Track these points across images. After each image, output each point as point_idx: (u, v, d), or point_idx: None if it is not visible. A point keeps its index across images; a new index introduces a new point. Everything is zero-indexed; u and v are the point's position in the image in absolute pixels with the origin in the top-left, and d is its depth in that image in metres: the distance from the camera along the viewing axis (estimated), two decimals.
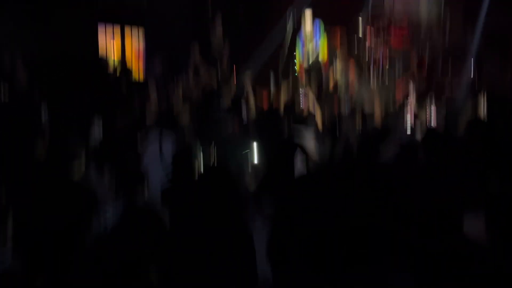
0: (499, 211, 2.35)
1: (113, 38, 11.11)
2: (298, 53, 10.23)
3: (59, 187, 3.11)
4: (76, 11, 9.57)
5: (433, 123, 4.97)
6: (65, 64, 9.05)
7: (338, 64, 10.12)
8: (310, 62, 9.92)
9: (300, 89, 7.57)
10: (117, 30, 11.22)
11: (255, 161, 4.83)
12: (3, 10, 8.53)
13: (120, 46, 11.07)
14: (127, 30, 11.36)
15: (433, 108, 6.21)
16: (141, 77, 11.52)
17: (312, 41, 9.92)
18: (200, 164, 3.47)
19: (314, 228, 2.83)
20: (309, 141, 5.01)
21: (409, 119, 5.44)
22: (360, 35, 12.72)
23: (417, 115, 6.49)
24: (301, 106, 6.91)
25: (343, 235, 2.96)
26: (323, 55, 9.99)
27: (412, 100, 6.83)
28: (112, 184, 3.00)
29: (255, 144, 5.07)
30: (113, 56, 10.26)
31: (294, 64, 10.81)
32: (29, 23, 8.86)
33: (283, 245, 2.75)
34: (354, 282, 2.04)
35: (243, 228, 3.43)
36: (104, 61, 9.36)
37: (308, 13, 9.70)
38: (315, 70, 9.96)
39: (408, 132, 5.09)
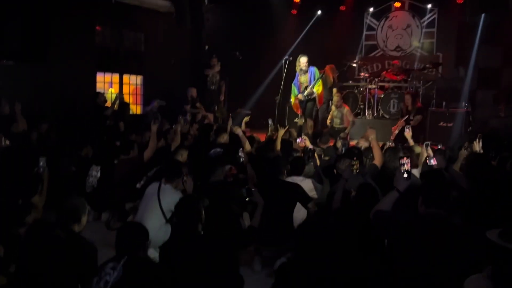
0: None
1: (111, 86, 11.33)
2: (294, 89, 10.36)
3: (59, 243, 3.11)
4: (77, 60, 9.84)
5: (433, 161, 4.93)
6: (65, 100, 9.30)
7: (334, 98, 10.24)
8: (305, 93, 10.04)
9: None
10: (116, 78, 11.46)
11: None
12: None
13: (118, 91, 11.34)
14: (125, 77, 11.60)
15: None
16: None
17: (306, 74, 10.06)
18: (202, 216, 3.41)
19: (316, 275, 2.83)
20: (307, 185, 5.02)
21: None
22: (355, 70, 12.99)
23: (413, 150, 6.54)
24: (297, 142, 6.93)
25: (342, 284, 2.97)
26: (317, 88, 10.11)
27: (408, 133, 6.85)
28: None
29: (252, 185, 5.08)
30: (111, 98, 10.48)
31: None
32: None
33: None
34: None
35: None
36: (101, 95, 9.49)
37: (303, 60, 9.91)
38: (310, 101, 10.11)
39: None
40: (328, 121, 10.33)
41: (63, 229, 3.10)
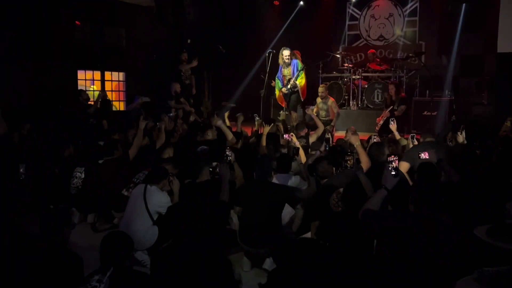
0: None
1: (93, 84, 11.19)
2: (277, 82, 10.35)
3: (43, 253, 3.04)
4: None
5: (423, 155, 4.93)
6: (46, 99, 9.16)
7: (319, 89, 10.22)
8: (289, 86, 10.04)
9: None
10: (97, 75, 11.29)
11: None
12: None
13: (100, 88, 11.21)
14: (107, 74, 11.45)
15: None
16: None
17: (289, 67, 10.06)
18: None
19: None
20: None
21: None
22: (339, 61, 12.98)
23: (398, 142, 6.55)
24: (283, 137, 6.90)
25: None
26: (300, 80, 10.11)
27: (393, 125, 6.85)
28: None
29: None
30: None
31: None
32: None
33: None
34: None
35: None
36: (84, 93, 9.36)
37: (285, 53, 9.91)
38: (294, 94, 10.12)
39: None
40: (314, 113, 10.32)
41: (45, 241, 3.02)
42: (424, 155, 4.91)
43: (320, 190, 4.62)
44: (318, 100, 9.98)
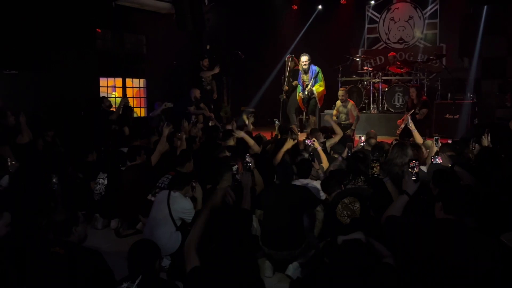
0: None
1: (115, 90, 11.34)
2: (298, 86, 10.39)
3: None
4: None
5: (438, 159, 4.89)
6: (69, 106, 9.34)
7: (339, 93, 10.17)
8: (306, 92, 10.08)
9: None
10: (119, 82, 11.45)
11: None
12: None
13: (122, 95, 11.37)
14: (128, 81, 11.61)
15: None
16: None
17: (308, 74, 10.10)
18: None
19: None
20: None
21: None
22: (358, 64, 12.91)
23: (420, 146, 6.48)
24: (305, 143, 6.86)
25: None
26: (317, 87, 10.13)
27: (413, 127, 6.78)
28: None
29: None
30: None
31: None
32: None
33: None
34: None
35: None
36: (106, 100, 9.49)
37: (304, 59, 9.94)
38: (312, 99, 10.15)
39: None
40: (334, 117, 10.28)
41: (61, 245, 3.06)
42: (438, 160, 4.87)
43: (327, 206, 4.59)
44: (338, 103, 9.91)
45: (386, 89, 11.26)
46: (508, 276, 2.62)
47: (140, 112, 11.96)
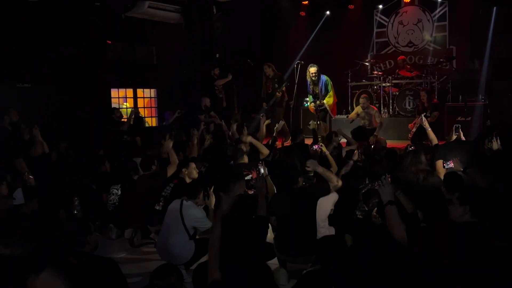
0: None
1: (126, 101, 11.44)
2: (309, 97, 10.39)
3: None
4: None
5: (450, 164, 4.86)
6: (81, 117, 9.44)
7: (360, 100, 10.09)
8: (316, 104, 10.07)
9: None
10: (130, 92, 11.56)
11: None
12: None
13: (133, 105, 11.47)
14: (139, 91, 11.71)
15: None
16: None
17: (317, 86, 10.04)
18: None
19: None
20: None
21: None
22: (368, 69, 12.88)
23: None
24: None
25: None
26: (328, 99, 10.11)
27: (427, 125, 6.76)
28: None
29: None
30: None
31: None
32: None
33: None
34: None
35: None
36: (117, 111, 9.57)
37: (312, 70, 9.88)
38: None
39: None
40: (350, 118, 10.22)
41: (74, 255, 3.08)
42: (450, 164, 4.84)
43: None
44: (359, 109, 9.83)
45: (397, 93, 11.21)
46: None
47: (151, 121, 12.04)
